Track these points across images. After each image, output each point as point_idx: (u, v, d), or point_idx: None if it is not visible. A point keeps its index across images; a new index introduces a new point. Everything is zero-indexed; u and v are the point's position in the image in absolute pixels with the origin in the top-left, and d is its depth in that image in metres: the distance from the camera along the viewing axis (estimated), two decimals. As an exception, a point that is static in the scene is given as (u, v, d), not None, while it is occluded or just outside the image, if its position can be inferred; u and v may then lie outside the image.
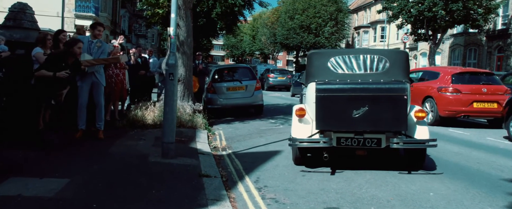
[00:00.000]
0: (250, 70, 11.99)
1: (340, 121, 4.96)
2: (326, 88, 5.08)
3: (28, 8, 7.12)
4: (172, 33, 5.56)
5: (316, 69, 5.66)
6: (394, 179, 4.83)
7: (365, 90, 4.99)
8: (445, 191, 4.38)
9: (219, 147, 7.10)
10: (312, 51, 6.12)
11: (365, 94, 4.95)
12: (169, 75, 5.47)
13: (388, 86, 5.05)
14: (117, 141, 6.46)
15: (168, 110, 5.47)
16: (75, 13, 21.20)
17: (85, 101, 6.42)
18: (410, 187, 4.51)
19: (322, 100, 5.00)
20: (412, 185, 4.59)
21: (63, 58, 5.79)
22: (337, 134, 5.03)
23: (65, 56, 5.83)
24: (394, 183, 4.64)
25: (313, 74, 5.64)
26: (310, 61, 5.80)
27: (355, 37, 43.84)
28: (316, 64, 5.71)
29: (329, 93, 5.03)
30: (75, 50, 5.81)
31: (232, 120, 10.35)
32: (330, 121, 4.99)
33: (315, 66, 5.70)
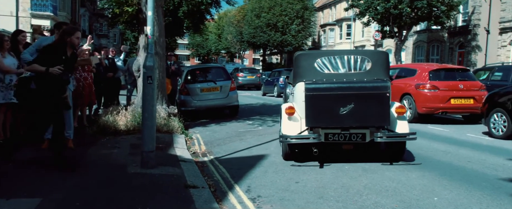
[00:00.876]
0: (224, 70, 11.62)
1: (328, 118, 5.31)
2: (314, 88, 5.41)
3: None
4: (149, 33, 5.13)
5: (303, 69, 5.97)
6: (393, 183, 4.64)
7: (351, 89, 5.35)
8: (449, 195, 4.22)
9: (199, 153, 6.71)
10: (299, 52, 6.37)
11: (351, 92, 5.31)
12: (147, 78, 5.04)
13: (372, 85, 5.45)
14: (89, 150, 5.95)
15: (147, 116, 5.04)
16: (31, 12, 19.91)
17: (51, 108, 5.86)
18: (412, 192, 4.32)
19: (311, 99, 5.32)
20: (413, 190, 4.41)
21: (63, 49, 4.89)
22: (325, 130, 5.35)
23: (64, 48, 4.91)
24: (394, 188, 4.44)
25: (300, 75, 5.95)
26: (298, 62, 6.08)
27: (321, 35, 44.22)
28: (303, 65, 6.00)
29: (317, 92, 5.36)
30: (73, 40, 4.91)
31: (208, 123, 9.95)
32: (319, 118, 5.34)
33: (302, 66, 6.00)
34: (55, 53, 4.84)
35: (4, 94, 6.05)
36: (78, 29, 5.17)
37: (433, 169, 5.33)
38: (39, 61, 4.82)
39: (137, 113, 8.08)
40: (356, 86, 5.41)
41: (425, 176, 4.98)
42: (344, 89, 5.34)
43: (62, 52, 4.88)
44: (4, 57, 6.09)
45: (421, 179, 4.87)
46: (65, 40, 4.89)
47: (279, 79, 18.68)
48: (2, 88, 6.03)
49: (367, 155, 6.11)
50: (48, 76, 4.74)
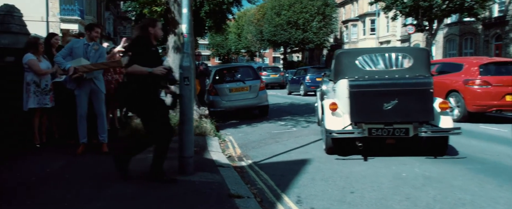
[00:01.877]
0: (253, 69, 11.36)
1: (371, 113, 5.51)
2: (358, 84, 5.63)
3: (16, 10, 6.36)
4: (185, 31, 4.92)
5: (345, 67, 6.18)
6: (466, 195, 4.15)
7: (395, 85, 5.54)
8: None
9: (234, 156, 6.47)
10: (340, 50, 6.66)
11: (395, 89, 5.49)
12: (184, 79, 4.83)
13: (416, 81, 5.62)
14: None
15: (185, 120, 4.83)
16: (60, 16, 20.22)
17: (85, 111, 5.74)
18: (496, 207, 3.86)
19: (356, 95, 5.55)
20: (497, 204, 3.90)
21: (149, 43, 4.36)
22: (368, 125, 5.56)
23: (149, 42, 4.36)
24: (470, 201, 3.94)
25: (342, 72, 6.18)
26: (339, 60, 6.33)
27: (344, 31, 43.51)
28: (344, 63, 6.23)
29: (361, 89, 5.58)
30: (157, 32, 4.38)
31: (239, 124, 9.72)
32: (363, 114, 5.56)
33: (344, 64, 6.22)
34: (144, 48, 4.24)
35: (39, 99, 5.97)
36: (158, 20, 4.66)
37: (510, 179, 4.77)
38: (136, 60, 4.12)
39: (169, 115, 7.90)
40: (400, 83, 5.58)
41: (503, 187, 4.44)
42: (388, 86, 5.53)
43: (149, 46, 4.32)
44: (40, 60, 6.01)
45: (499, 190, 4.34)
46: (148, 33, 4.33)
47: (306, 78, 18.32)
48: (38, 93, 5.94)
49: (409, 149, 6.23)
50: (151, 79, 4.14)
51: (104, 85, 6.01)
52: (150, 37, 4.33)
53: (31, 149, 5.84)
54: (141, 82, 4.12)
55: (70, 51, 5.67)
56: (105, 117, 5.99)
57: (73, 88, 5.71)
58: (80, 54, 5.64)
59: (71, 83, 5.66)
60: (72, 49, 5.67)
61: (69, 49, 5.69)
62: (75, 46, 5.69)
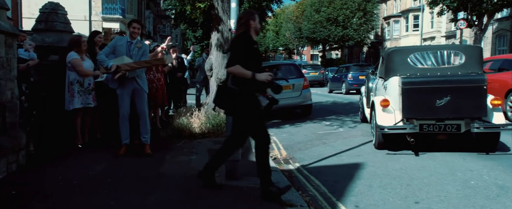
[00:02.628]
0: (296, 67, 10.95)
1: (424, 109, 5.60)
2: (411, 81, 5.73)
3: (60, 8, 6.29)
4: (234, 27, 4.59)
5: (397, 64, 6.36)
6: None
7: (447, 82, 5.63)
8: None
9: (280, 158, 6.12)
10: (391, 48, 6.89)
11: (448, 86, 5.57)
12: (231, 78, 4.50)
13: (469, 78, 5.74)
14: (166, 156, 5.58)
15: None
16: (102, 15, 20.67)
17: (127, 111, 5.56)
18: None
19: (408, 92, 5.65)
20: None
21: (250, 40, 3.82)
22: (420, 121, 5.68)
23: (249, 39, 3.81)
24: None
25: (394, 69, 6.37)
26: (390, 58, 6.51)
27: (385, 28, 42.05)
28: (396, 60, 6.41)
29: (414, 86, 5.68)
30: (257, 26, 3.84)
31: (281, 123, 9.35)
32: (415, 110, 5.65)
33: (395, 62, 6.41)
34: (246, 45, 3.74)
35: (82, 98, 5.87)
36: (256, 12, 4.03)
37: None
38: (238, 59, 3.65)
39: (211, 115, 7.68)
40: (453, 80, 5.68)
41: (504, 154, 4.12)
42: (441, 82, 5.63)
43: (251, 43, 3.79)
44: (83, 59, 5.91)
45: None
46: (249, 27, 3.77)
47: (348, 76, 17.66)
48: (81, 92, 5.84)
49: (459, 144, 6.26)
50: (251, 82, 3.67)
51: (147, 84, 5.82)
52: (251, 31, 3.80)
53: (74, 150, 5.74)
54: (242, 84, 3.69)
55: (113, 49, 5.52)
56: (148, 117, 5.80)
57: (115, 87, 5.55)
58: (123, 52, 5.47)
59: (114, 82, 5.51)
60: (115, 47, 5.51)
61: (112, 47, 5.54)
62: (118, 44, 5.53)
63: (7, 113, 4.17)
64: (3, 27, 4.11)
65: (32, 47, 5.74)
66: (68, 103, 5.83)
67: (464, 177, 4.66)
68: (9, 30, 4.20)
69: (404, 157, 5.74)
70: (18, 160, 4.46)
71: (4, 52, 4.17)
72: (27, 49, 5.64)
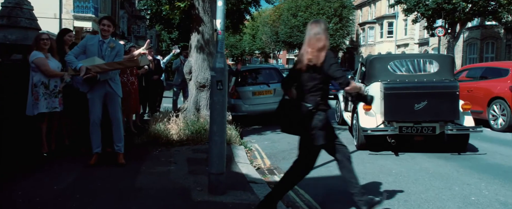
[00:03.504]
0: (277, 71, 10.63)
1: (403, 113, 6.11)
2: (392, 87, 6.23)
3: (26, 3, 5.73)
4: (220, 27, 4.20)
5: (378, 71, 6.89)
6: None
7: (425, 88, 6.14)
8: None
9: (264, 168, 5.77)
10: (372, 56, 7.40)
11: (426, 91, 6.07)
12: (217, 83, 4.11)
13: (444, 84, 6.23)
14: (142, 166, 5.11)
15: (216, 130, 4.12)
16: (74, 14, 19.77)
17: (99, 117, 5.08)
18: None
19: (390, 96, 6.13)
20: None
21: None
22: (399, 124, 6.16)
23: None
24: None
25: (375, 75, 6.88)
26: (372, 65, 7.04)
27: (360, 34, 42.58)
28: (377, 67, 6.94)
29: (395, 91, 6.17)
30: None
31: (262, 130, 9.00)
32: (396, 113, 6.16)
33: (376, 68, 6.93)
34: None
35: (47, 102, 5.33)
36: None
37: None
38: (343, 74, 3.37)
39: (190, 121, 7.24)
40: (430, 86, 6.20)
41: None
42: (420, 88, 6.10)
43: None
44: (48, 59, 5.37)
45: None
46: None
47: (329, 81, 17.48)
48: (46, 95, 5.30)
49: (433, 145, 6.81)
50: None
51: (121, 87, 5.34)
52: None
53: (38, 159, 5.19)
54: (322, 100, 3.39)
55: (83, 49, 5.01)
56: (121, 124, 5.31)
57: (85, 91, 5.06)
58: (94, 53, 4.97)
59: (84, 85, 5.01)
60: (86, 46, 5.01)
61: (83, 46, 5.03)
62: (89, 43, 5.02)
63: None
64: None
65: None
66: (31, 108, 5.28)
67: (463, 192, 4.44)
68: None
69: (395, 168, 5.51)
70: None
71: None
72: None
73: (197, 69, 7.75)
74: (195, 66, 7.77)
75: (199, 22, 7.70)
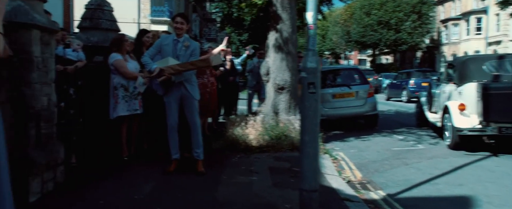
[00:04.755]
0: (359, 72, 9.84)
1: (503, 113, 5.95)
2: (491, 87, 6.12)
3: (106, 4, 5.65)
4: (311, 20, 3.65)
5: (472, 72, 6.79)
6: None
7: None
8: None
9: (354, 182, 5.09)
10: (466, 57, 7.75)
11: None
12: (308, 85, 3.57)
13: None
14: (222, 175, 4.72)
15: (308, 140, 3.57)
16: (151, 18, 20.49)
17: (176, 122, 4.78)
18: None
19: (488, 97, 6.01)
20: None
21: None
22: (498, 124, 5.98)
23: None
24: None
25: (469, 76, 6.75)
26: (466, 66, 7.01)
27: (442, 31, 39.54)
28: (472, 68, 6.87)
29: (493, 91, 6.05)
30: None
31: (345, 136, 8.28)
32: (495, 114, 5.98)
33: (471, 69, 6.86)
34: None
35: (128, 105, 5.16)
36: None
37: None
38: None
39: (268, 125, 6.78)
40: None
41: None
42: None
43: None
44: (127, 61, 5.21)
45: None
46: None
47: (409, 82, 16.18)
48: (126, 98, 5.13)
49: None
50: None
51: (198, 89, 4.99)
52: None
53: (118, 163, 5.03)
54: None
55: (159, 50, 4.74)
56: (200, 129, 4.97)
57: (161, 94, 4.79)
58: (169, 53, 4.68)
59: (160, 88, 4.75)
60: (161, 46, 4.73)
61: (158, 47, 4.76)
62: (164, 43, 4.74)
63: (42, 123, 3.47)
64: (39, 21, 3.41)
65: (81, 47, 5.09)
66: (112, 111, 5.15)
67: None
68: (45, 25, 3.51)
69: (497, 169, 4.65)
70: (55, 178, 3.76)
71: (39, 51, 3.47)
72: (76, 49, 4.99)
73: (275, 70, 7.27)
74: (273, 67, 7.30)
75: (277, 20, 7.22)
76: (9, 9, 3.27)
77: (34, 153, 3.31)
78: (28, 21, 3.30)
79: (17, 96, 3.25)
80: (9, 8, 3.28)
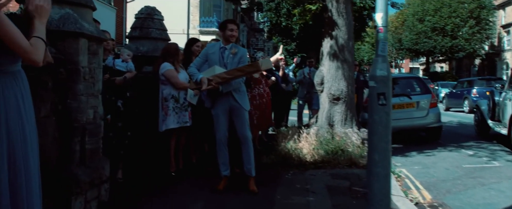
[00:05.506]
0: (420, 81, 9.12)
1: None
2: None
3: (157, 12, 5.49)
4: (381, 23, 3.21)
5: None
6: None
7: None
8: None
9: (423, 203, 4.52)
10: None
11: None
12: (378, 96, 3.13)
13: None
14: (276, 194, 4.33)
15: (378, 160, 3.12)
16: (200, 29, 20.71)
17: (225, 135, 4.46)
18: None
19: None
20: None
21: None
22: None
23: None
24: None
25: None
26: None
27: (503, 37, 36.97)
28: None
29: None
30: None
31: (406, 150, 7.61)
32: None
33: None
34: None
35: (178, 117, 4.92)
36: None
37: None
38: None
39: (323, 139, 6.32)
40: None
41: None
42: None
43: None
44: (178, 71, 4.99)
45: None
46: None
47: (472, 91, 15.01)
48: (177, 109, 4.89)
49: None
50: None
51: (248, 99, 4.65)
52: None
53: (166, 179, 4.78)
54: None
55: (205, 59, 4.45)
56: (251, 143, 4.60)
57: (209, 106, 4.49)
58: (216, 61, 4.37)
59: (207, 100, 4.45)
60: (208, 55, 4.44)
61: (204, 56, 4.47)
62: (210, 51, 4.43)
63: (87, 138, 3.26)
64: (87, 29, 3.23)
65: (130, 57, 4.92)
66: (161, 123, 4.93)
67: None
68: (93, 34, 3.32)
69: None
70: (99, 196, 3.53)
71: (87, 60, 3.28)
72: (125, 59, 4.82)
73: (330, 79, 6.83)
74: (327, 76, 6.87)
75: (332, 26, 6.80)
76: (57, 18, 3.12)
77: (77, 170, 3.09)
78: (76, 30, 3.12)
79: (62, 109, 3.06)
80: (58, 16, 3.13)
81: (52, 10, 3.09)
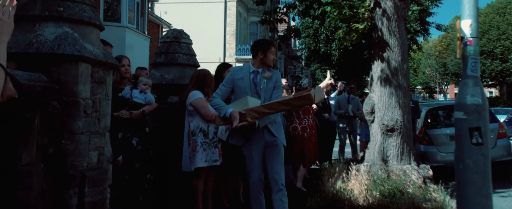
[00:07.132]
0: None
1: None
2: None
3: (184, 36, 4.90)
4: (470, 32, 2.39)
5: None
6: None
7: None
8: None
9: None
10: None
11: None
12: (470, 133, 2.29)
13: None
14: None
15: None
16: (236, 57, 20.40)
17: (261, 179, 3.69)
18: None
19: None
20: None
21: None
22: None
23: None
24: None
25: None
26: None
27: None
28: None
29: None
30: None
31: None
32: None
33: None
34: None
35: (206, 154, 4.18)
36: None
37: None
38: None
39: (377, 177, 5.39)
40: None
41: None
42: None
43: None
44: (208, 101, 4.29)
45: None
46: None
47: (537, 118, 13.45)
48: (205, 145, 4.16)
49: None
50: None
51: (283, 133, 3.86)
52: None
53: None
54: None
55: (231, 86, 3.72)
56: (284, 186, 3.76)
57: (239, 144, 3.73)
58: (246, 89, 3.63)
59: (236, 137, 3.69)
60: (234, 82, 3.72)
61: (230, 83, 3.73)
62: (237, 77, 3.70)
63: (87, 188, 2.57)
64: (89, 52, 2.61)
65: (148, 87, 4.29)
66: (188, 161, 4.20)
67: None
68: (98, 58, 2.69)
69: None
70: None
71: (89, 91, 2.64)
72: (143, 90, 4.20)
73: (382, 108, 5.95)
74: (379, 104, 5.99)
75: (383, 47, 5.97)
76: (52, 38, 2.53)
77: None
78: (74, 52, 2.50)
79: (53, 153, 2.40)
80: (53, 36, 2.54)
81: (46, 29, 2.51)
